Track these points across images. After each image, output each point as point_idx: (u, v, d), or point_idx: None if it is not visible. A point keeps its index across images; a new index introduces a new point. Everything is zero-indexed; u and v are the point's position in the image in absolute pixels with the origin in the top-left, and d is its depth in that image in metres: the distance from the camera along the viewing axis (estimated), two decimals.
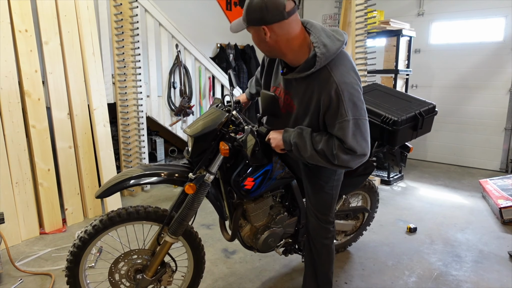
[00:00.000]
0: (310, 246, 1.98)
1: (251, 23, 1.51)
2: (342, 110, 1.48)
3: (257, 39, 1.56)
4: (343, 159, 1.51)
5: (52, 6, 3.14)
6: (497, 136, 5.16)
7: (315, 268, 2.00)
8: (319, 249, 1.95)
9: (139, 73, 3.94)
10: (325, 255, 1.96)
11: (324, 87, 1.51)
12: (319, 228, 1.92)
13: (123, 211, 1.80)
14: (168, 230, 1.80)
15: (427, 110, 2.29)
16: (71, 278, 1.81)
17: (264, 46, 1.57)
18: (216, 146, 1.76)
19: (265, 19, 1.46)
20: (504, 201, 3.51)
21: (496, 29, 5.01)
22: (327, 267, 2.00)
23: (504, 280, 2.53)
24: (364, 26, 4.03)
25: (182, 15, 5.69)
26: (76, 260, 1.78)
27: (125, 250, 1.87)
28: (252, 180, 1.86)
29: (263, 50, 1.61)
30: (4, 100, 2.87)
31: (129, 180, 1.72)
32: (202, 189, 1.75)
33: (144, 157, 4.10)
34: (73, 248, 1.77)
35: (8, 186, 2.88)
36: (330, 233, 1.93)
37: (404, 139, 2.28)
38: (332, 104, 1.50)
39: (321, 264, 1.99)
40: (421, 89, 5.72)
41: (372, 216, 2.85)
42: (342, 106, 1.48)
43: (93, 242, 1.79)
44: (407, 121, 2.18)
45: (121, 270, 1.84)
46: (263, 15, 1.45)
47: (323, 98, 1.52)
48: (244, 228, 2.08)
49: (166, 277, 1.89)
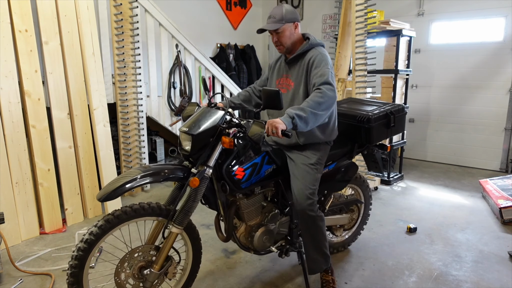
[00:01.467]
0: (302, 221, 2.19)
1: (289, 20, 2.14)
2: (321, 63, 2.11)
3: (288, 33, 2.16)
4: (327, 94, 2.02)
5: (52, 6, 3.14)
6: (497, 136, 5.16)
7: (313, 238, 2.20)
8: (307, 219, 2.15)
9: (139, 73, 3.94)
10: (314, 225, 2.17)
11: (309, 57, 2.17)
12: (304, 201, 2.11)
13: (128, 209, 1.82)
14: (173, 222, 1.90)
15: (397, 110, 2.66)
16: (75, 284, 1.75)
17: (289, 39, 2.18)
18: (215, 141, 1.91)
19: (296, 18, 2.18)
20: (504, 201, 3.51)
21: (496, 29, 5.01)
22: (321, 237, 2.21)
23: (504, 280, 2.53)
24: (364, 26, 4.03)
25: (182, 15, 5.70)
26: (81, 264, 1.73)
27: (125, 250, 1.87)
28: (242, 170, 2.02)
29: (287, 43, 2.18)
30: (4, 100, 2.87)
31: (130, 182, 1.75)
32: (203, 182, 1.90)
33: (144, 157, 4.10)
34: (78, 252, 1.73)
35: (8, 186, 2.88)
36: (314, 206, 2.14)
37: (380, 136, 2.56)
38: (315, 62, 2.13)
39: (316, 233, 2.20)
40: (421, 89, 5.72)
41: (369, 209, 2.91)
42: (321, 60, 2.12)
43: (99, 243, 1.77)
44: (379, 119, 2.52)
45: (127, 268, 1.85)
46: (295, 15, 2.17)
47: (308, 63, 2.15)
48: (239, 228, 2.21)
49: (172, 269, 1.95)
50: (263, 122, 1.89)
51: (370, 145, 2.62)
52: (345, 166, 2.49)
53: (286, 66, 2.30)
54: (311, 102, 1.99)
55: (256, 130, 1.86)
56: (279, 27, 2.12)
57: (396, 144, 4.53)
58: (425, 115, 5.74)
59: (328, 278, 2.34)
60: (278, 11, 2.14)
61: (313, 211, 2.12)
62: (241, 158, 2.04)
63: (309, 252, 2.22)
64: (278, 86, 2.34)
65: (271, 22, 2.14)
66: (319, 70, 2.09)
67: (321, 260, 2.24)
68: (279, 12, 2.13)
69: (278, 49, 2.24)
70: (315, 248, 2.21)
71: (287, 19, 2.14)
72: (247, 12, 6.98)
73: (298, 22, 2.20)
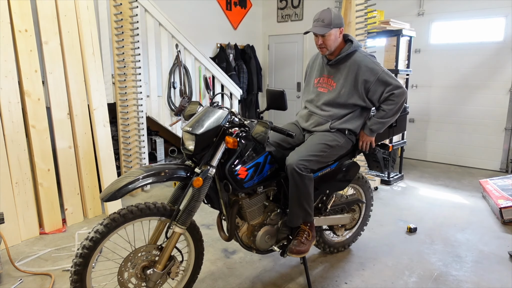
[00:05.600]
0: (291, 179, 2.17)
1: (336, 26, 2.25)
2: (375, 68, 2.28)
3: (334, 37, 2.27)
4: (397, 95, 2.27)
5: (52, 6, 3.14)
6: (497, 136, 5.16)
7: (298, 194, 2.21)
8: (295, 177, 2.14)
9: (139, 73, 3.94)
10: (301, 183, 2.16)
11: (356, 63, 2.30)
12: (295, 162, 2.13)
13: (134, 208, 1.82)
14: (177, 222, 1.91)
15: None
16: (78, 282, 1.74)
17: (334, 43, 2.29)
18: (218, 141, 1.92)
19: (342, 23, 2.29)
20: (504, 201, 3.51)
21: (496, 29, 5.00)
22: (305, 195, 2.19)
23: (504, 280, 2.53)
24: (364, 26, 4.02)
25: (182, 15, 5.69)
26: (85, 262, 1.74)
27: (125, 249, 1.87)
28: (245, 170, 2.03)
29: (332, 47, 2.30)
30: (4, 100, 2.87)
31: (133, 182, 1.75)
32: (206, 181, 1.90)
33: (144, 157, 4.10)
34: (83, 249, 1.73)
35: (8, 186, 2.88)
36: (304, 167, 2.16)
37: (382, 136, 2.59)
38: (368, 68, 2.28)
39: (301, 190, 2.19)
40: (421, 89, 5.72)
41: (370, 209, 2.91)
42: (374, 66, 2.28)
43: (104, 241, 1.78)
44: None
45: (130, 268, 1.86)
46: (341, 20, 2.28)
47: (357, 70, 2.29)
48: (242, 228, 2.21)
49: (175, 269, 1.96)
50: (267, 122, 1.90)
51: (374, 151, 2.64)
52: (347, 165, 2.50)
53: (328, 67, 2.42)
54: (389, 111, 2.30)
55: (260, 130, 1.87)
56: (327, 32, 2.22)
57: (396, 144, 4.53)
58: (425, 115, 5.74)
59: (304, 227, 2.31)
60: (327, 15, 2.23)
61: (302, 170, 2.14)
62: (244, 157, 2.04)
63: (292, 206, 2.22)
64: (318, 85, 2.46)
65: (319, 26, 2.23)
66: (381, 80, 2.27)
67: (301, 215, 2.24)
68: (328, 17, 2.22)
69: (321, 51, 2.35)
70: (298, 203, 2.21)
71: (335, 24, 2.24)
72: (247, 12, 6.98)
73: (343, 28, 2.31)
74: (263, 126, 1.89)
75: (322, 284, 2.46)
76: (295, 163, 2.12)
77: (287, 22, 7.02)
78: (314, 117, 2.44)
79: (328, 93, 2.39)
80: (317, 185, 2.34)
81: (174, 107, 4.43)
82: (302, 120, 2.55)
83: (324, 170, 2.39)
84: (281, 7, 7.04)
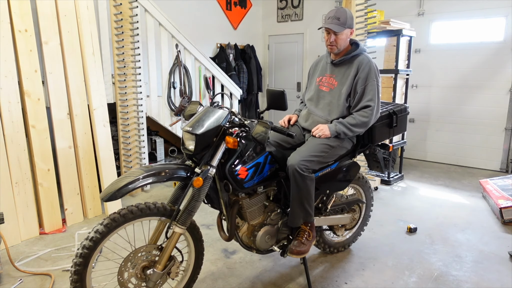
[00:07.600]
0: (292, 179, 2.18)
1: (349, 26, 2.30)
2: (372, 76, 2.28)
3: (345, 36, 2.30)
4: (371, 109, 2.26)
5: (52, 6, 3.14)
6: (497, 136, 5.16)
7: (299, 194, 2.20)
8: (297, 177, 2.15)
9: (139, 73, 3.94)
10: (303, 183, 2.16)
11: (360, 62, 2.32)
12: (297, 162, 2.13)
13: (134, 208, 1.82)
14: (177, 222, 1.90)
15: (400, 110, 2.68)
16: (78, 282, 1.74)
17: (344, 42, 2.32)
18: (218, 141, 1.92)
19: (353, 25, 2.33)
20: (505, 201, 3.51)
21: (496, 29, 5.00)
22: (306, 195, 2.20)
23: (504, 280, 2.53)
24: (364, 26, 4.02)
25: (182, 15, 5.69)
26: (85, 262, 1.74)
27: (125, 249, 1.87)
28: (245, 170, 2.03)
29: (341, 46, 2.33)
30: (4, 100, 2.87)
31: (134, 182, 1.75)
32: (206, 181, 1.90)
33: (144, 157, 4.10)
34: (83, 249, 1.73)
35: (8, 186, 2.88)
36: (306, 168, 2.16)
37: (382, 136, 2.60)
38: (364, 72, 2.28)
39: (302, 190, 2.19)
40: (421, 89, 5.72)
41: (370, 209, 2.91)
42: (371, 74, 2.29)
43: (104, 241, 1.78)
44: (382, 118, 2.55)
45: (131, 268, 1.86)
46: (353, 22, 2.33)
47: (358, 68, 2.30)
48: (242, 228, 2.21)
49: (175, 269, 1.96)
50: (267, 122, 1.90)
51: (372, 145, 2.64)
52: (347, 165, 2.50)
53: (331, 66, 2.45)
54: (359, 122, 2.27)
55: (260, 130, 1.87)
56: (342, 30, 2.26)
57: (396, 144, 4.53)
58: (425, 115, 5.74)
59: (305, 228, 2.32)
60: (342, 14, 2.26)
61: (303, 171, 2.14)
62: (244, 157, 2.04)
63: (293, 206, 2.23)
64: (319, 83, 2.47)
65: (335, 24, 2.25)
66: (368, 88, 2.27)
67: (301, 215, 2.24)
68: (343, 16, 2.26)
69: (330, 49, 2.36)
70: (299, 204, 2.21)
71: (349, 24, 2.28)
72: (247, 12, 6.98)
73: (353, 30, 2.37)
74: (263, 126, 1.89)
75: (322, 284, 2.46)
76: (297, 164, 2.12)
77: (287, 22, 7.02)
78: (314, 117, 2.45)
79: (329, 92, 2.40)
80: (318, 185, 2.34)
81: (174, 107, 4.43)
82: (302, 120, 2.55)
83: (324, 170, 2.39)
84: (281, 7, 7.04)
